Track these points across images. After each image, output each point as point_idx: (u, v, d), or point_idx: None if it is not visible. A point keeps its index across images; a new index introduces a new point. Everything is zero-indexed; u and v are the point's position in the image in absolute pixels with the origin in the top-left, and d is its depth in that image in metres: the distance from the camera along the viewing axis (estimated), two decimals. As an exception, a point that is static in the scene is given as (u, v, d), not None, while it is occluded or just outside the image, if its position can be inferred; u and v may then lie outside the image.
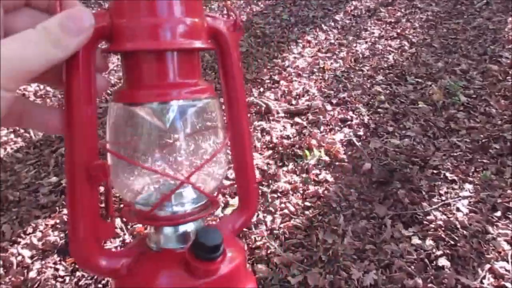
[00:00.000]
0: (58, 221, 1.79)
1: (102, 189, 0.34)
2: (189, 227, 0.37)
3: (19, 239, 1.72)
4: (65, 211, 1.83)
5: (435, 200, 1.77)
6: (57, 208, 1.86)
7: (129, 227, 1.67)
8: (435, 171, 1.92)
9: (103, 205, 0.35)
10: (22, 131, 2.40)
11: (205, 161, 0.38)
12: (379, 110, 2.42)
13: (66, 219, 1.77)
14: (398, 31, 3.39)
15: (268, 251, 1.62)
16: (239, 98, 0.41)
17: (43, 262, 1.62)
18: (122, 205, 0.38)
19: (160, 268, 0.35)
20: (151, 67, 0.34)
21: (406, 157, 2.02)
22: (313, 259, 1.58)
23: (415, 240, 1.60)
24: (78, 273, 1.57)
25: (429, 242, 1.59)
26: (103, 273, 0.35)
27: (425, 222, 1.67)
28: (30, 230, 1.76)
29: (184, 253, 0.34)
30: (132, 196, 0.38)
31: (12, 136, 2.38)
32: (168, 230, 0.37)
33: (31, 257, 1.64)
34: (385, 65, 2.90)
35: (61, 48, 0.28)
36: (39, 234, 1.74)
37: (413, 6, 3.81)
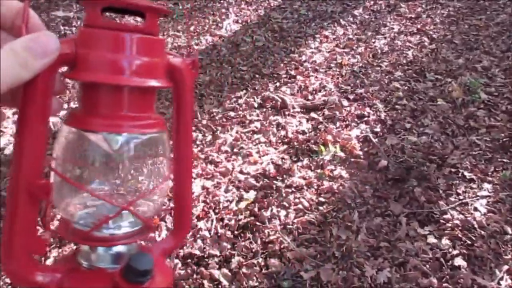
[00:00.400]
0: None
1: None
2: (123, 248, 0.39)
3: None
4: None
5: (452, 199, 1.74)
6: None
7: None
8: (453, 170, 1.88)
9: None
10: None
11: (146, 191, 0.40)
12: (396, 106, 2.38)
13: None
14: (418, 26, 3.33)
15: (281, 246, 1.62)
16: (187, 133, 0.44)
17: (60, 250, 1.65)
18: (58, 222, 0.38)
19: (89, 287, 0.37)
20: (107, 99, 0.36)
21: (424, 155, 1.99)
22: (326, 255, 1.57)
23: (431, 239, 1.58)
24: None
25: (445, 241, 1.56)
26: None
27: (441, 221, 1.65)
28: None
29: (115, 273, 0.35)
30: (71, 215, 0.39)
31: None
32: (101, 249, 0.38)
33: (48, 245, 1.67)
34: (404, 61, 2.86)
35: (27, 69, 0.29)
36: (56, 222, 1.77)
37: (434, 2, 3.73)
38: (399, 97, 2.46)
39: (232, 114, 2.50)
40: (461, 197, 1.74)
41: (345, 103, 2.47)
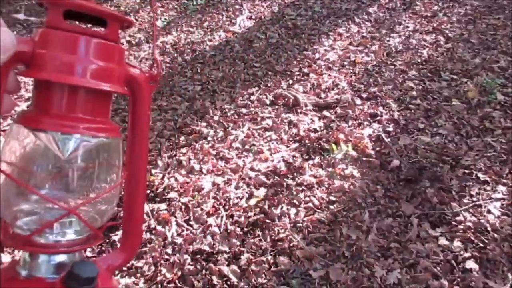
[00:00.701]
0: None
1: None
2: (66, 258, 0.37)
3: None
4: None
5: (465, 200, 1.71)
6: None
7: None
8: (466, 171, 1.86)
9: None
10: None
11: (95, 195, 0.39)
12: (410, 106, 2.36)
13: None
14: (434, 25, 3.28)
15: (291, 244, 1.61)
16: (141, 143, 0.43)
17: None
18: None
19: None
20: (59, 99, 0.36)
21: (437, 156, 1.96)
22: (336, 254, 1.56)
23: (442, 241, 1.56)
24: (104, 255, 1.61)
25: (457, 243, 1.54)
26: None
27: (453, 222, 1.63)
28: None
29: (55, 283, 0.34)
30: (12, 218, 0.38)
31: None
32: (43, 258, 0.36)
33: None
34: (419, 60, 2.82)
35: None
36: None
37: (451, 0, 3.68)
38: (413, 96, 2.43)
39: (244, 110, 2.50)
40: (474, 199, 1.72)
41: (358, 101, 2.45)
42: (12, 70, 0.35)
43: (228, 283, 1.50)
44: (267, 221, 1.72)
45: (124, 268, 1.56)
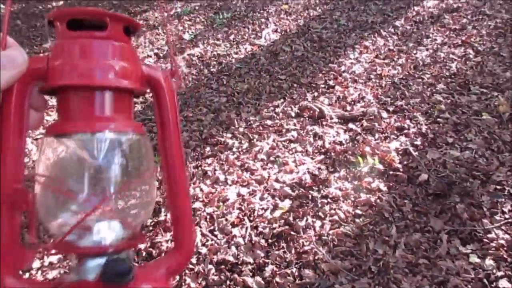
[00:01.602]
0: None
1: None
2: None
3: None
4: None
5: (497, 217, 1.66)
6: None
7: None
8: (498, 187, 1.80)
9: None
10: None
11: (123, 191, 0.38)
12: (438, 119, 2.31)
13: None
14: (463, 38, 3.23)
15: (316, 257, 1.59)
16: (172, 141, 0.42)
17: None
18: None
19: None
20: (79, 103, 0.37)
21: (467, 170, 1.91)
22: (362, 269, 1.53)
23: (473, 258, 1.51)
24: (130, 263, 1.62)
25: (489, 261, 1.49)
26: None
27: (485, 240, 1.58)
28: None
29: (92, 282, 0.35)
30: (56, 228, 0.38)
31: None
32: (88, 261, 0.37)
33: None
34: (447, 74, 2.78)
35: None
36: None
37: (480, 13, 3.62)
38: (441, 110, 2.39)
39: (269, 122, 2.51)
40: (507, 216, 1.66)
41: (385, 114, 2.42)
42: (34, 87, 0.37)
43: (252, 294, 1.49)
44: (292, 233, 1.71)
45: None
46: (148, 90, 0.42)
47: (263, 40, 3.71)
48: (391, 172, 1.98)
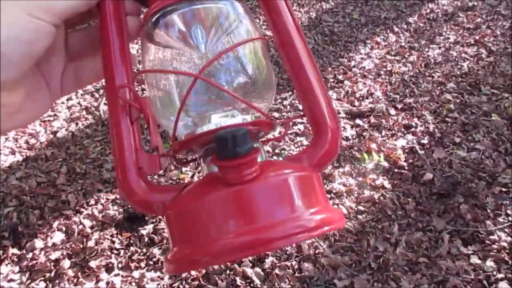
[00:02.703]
0: (118, 196, 1.88)
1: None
2: None
3: (82, 209, 1.83)
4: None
5: (501, 219, 1.65)
6: (118, 184, 1.96)
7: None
8: (504, 189, 1.79)
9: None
10: (93, 108, 2.56)
11: (228, 52, 0.36)
12: (447, 119, 2.30)
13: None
14: (476, 38, 3.19)
15: (316, 251, 1.60)
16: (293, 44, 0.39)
17: (102, 233, 1.71)
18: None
19: (198, 188, 0.33)
20: None
21: (473, 171, 1.90)
22: (362, 265, 1.54)
23: (474, 259, 1.51)
24: (132, 248, 1.64)
25: (489, 263, 1.49)
26: (149, 206, 0.33)
27: (487, 241, 1.57)
28: (92, 202, 1.87)
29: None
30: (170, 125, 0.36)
31: (84, 112, 2.53)
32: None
33: (91, 227, 1.75)
34: (458, 73, 2.75)
35: None
36: (100, 206, 1.84)
37: (495, 13, 3.56)
38: (450, 109, 2.37)
39: (276, 114, 2.50)
40: (510, 218, 1.65)
41: (393, 112, 2.41)
42: None
43: (252, 285, 1.50)
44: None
45: (150, 262, 1.59)
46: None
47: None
48: (396, 170, 1.97)
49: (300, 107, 2.53)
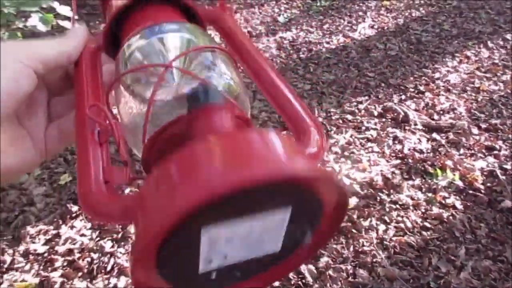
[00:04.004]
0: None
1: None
2: None
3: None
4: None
5: None
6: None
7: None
8: None
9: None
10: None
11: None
12: (536, 146, 2.12)
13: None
14: None
15: (374, 260, 1.56)
16: (255, 58, 0.40)
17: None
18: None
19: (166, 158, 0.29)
20: None
21: (559, 206, 1.74)
22: (420, 282, 1.47)
23: (548, 300, 1.39)
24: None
25: None
26: (113, 219, 0.30)
27: None
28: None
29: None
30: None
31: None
32: None
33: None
34: (556, 99, 2.52)
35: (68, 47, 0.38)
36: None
37: None
38: (541, 137, 2.18)
39: (349, 117, 2.46)
40: None
41: (475, 131, 2.27)
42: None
43: (303, 281, 1.50)
44: (353, 231, 1.68)
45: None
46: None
47: (357, 34, 3.61)
48: (470, 191, 1.86)
49: (375, 112, 2.47)
